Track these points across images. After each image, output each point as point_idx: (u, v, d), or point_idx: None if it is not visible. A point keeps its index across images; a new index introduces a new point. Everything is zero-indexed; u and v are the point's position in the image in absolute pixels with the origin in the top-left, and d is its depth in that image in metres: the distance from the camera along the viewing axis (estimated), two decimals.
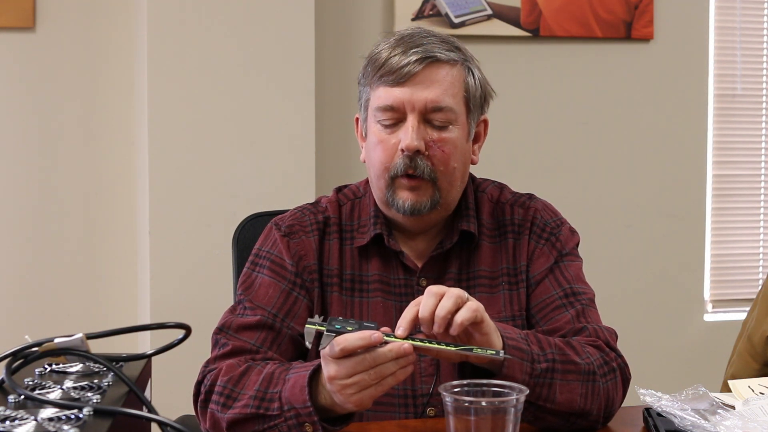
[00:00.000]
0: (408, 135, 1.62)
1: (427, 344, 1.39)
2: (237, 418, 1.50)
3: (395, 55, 1.63)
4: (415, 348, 1.37)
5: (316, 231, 1.71)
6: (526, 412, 1.49)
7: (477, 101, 1.69)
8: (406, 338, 1.38)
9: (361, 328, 1.37)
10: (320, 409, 1.44)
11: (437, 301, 1.39)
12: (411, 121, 1.62)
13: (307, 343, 1.39)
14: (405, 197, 1.64)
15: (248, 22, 2.97)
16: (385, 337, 1.36)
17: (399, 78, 1.62)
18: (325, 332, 1.37)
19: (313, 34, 3.02)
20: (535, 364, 1.48)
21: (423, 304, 1.39)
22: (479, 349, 1.39)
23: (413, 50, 1.63)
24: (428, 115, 1.64)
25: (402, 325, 1.39)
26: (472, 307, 1.40)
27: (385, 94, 1.64)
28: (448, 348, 1.38)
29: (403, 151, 1.62)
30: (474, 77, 1.69)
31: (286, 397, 1.46)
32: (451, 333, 1.39)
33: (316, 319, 1.39)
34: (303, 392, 1.43)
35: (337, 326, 1.37)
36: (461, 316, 1.38)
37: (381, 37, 1.71)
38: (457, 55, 1.67)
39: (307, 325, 1.39)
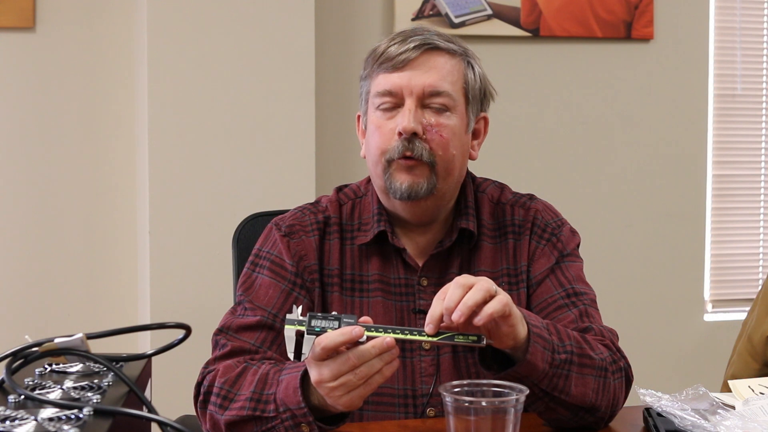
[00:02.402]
0: (405, 117, 1.62)
1: (409, 336, 1.38)
2: (235, 420, 1.50)
3: (394, 44, 1.66)
4: (398, 340, 1.37)
5: (316, 231, 1.71)
6: (538, 402, 1.49)
7: (476, 94, 1.70)
8: (386, 331, 1.36)
9: (340, 321, 1.36)
10: (315, 408, 1.44)
11: (464, 292, 1.37)
12: (408, 104, 1.63)
13: (288, 351, 1.37)
14: (402, 179, 1.63)
15: (248, 22, 2.97)
16: (366, 333, 1.35)
17: (397, 64, 1.64)
18: (305, 335, 1.36)
19: (313, 34, 3.02)
20: (555, 355, 1.47)
21: (449, 295, 1.37)
22: (460, 337, 1.38)
23: (412, 38, 1.65)
24: (426, 100, 1.64)
25: (431, 322, 1.37)
26: (503, 300, 1.38)
27: (383, 80, 1.65)
28: (431, 338, 1.38)
29: (400, 134, 1.62)
30: (474, 71, 1.70)
31: (281, 398, 1.46)
32: (476, 323, 1.36)
33: (295, 315, 1.38)
34: (296, 393, 1.43)
35: (317, 328, 1.36)
36: (492, 308, 1.36)
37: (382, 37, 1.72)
38: (456, 47, 1.68)
39: (287, 326, 1.37)
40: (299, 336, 1.37)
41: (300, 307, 1.40)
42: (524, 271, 1.72)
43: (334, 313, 1.38)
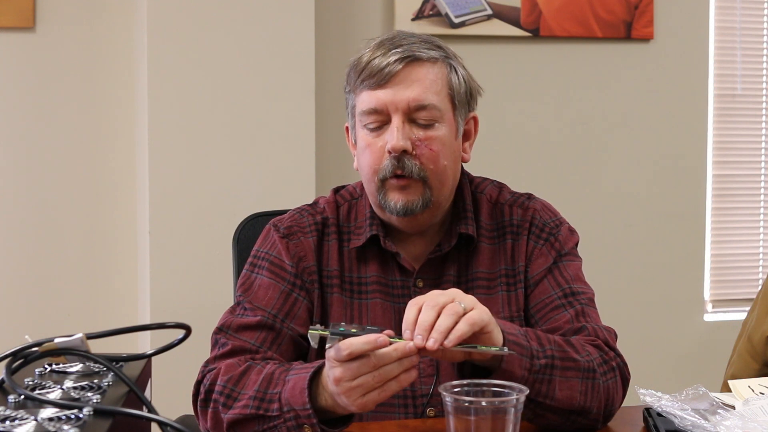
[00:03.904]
0: (393, 136, 1.62)
1: None
2: (237, 419, 1.50)
3: (376, 58, 1.64)
4: (419, 348, 1.37)
5: (314, 232, 1.71)
6: (525, 409, 1.48)
7: (462, 98, 1.69)
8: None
9: (364, 331, 1.37)
10: (320, 410, 1.44)
11: (436, 315, 1.38)
12: (395, 121, 1.62)
13: (312, 344, 1.38)
14: (396, 198, 1.64)
15: (248, 23, 2.97)
16: (390, 341, 1.36)
17: (380, 80, 1.62)
18: (329, 335, 1.37)
19: (313, 34, 3.02)
20: (534, 360, 1.47)
21: (422, 318, 1.38)
22: (483, 347, 1.39)
23: (393, 51, 1.64)
24: (412, 115, 1.63)
25: (408, 328, 1.38)
26: (471, 320, 1.38)
27: (368, 98, 1.64)
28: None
29: (390, 152, 1.62)
30: (457, 74, 1.68)
31: (286, 398, 1.46)
32: (446, 346, 1.36)
33: (318, 326, 1.39)
34: (303, 394, 1.44)
35: (341, 329, 1.37)
36: (460, 330, 1.37)
37: (363, 44, 1.70)
38: (438, 53, 1.66)
39: (310, 331, 1.38)
40: (323, 338, 1.38)
41: (321, 325, 1.41)
42: (522, 272, 1.71)
43: (357, 324, 1.39)
